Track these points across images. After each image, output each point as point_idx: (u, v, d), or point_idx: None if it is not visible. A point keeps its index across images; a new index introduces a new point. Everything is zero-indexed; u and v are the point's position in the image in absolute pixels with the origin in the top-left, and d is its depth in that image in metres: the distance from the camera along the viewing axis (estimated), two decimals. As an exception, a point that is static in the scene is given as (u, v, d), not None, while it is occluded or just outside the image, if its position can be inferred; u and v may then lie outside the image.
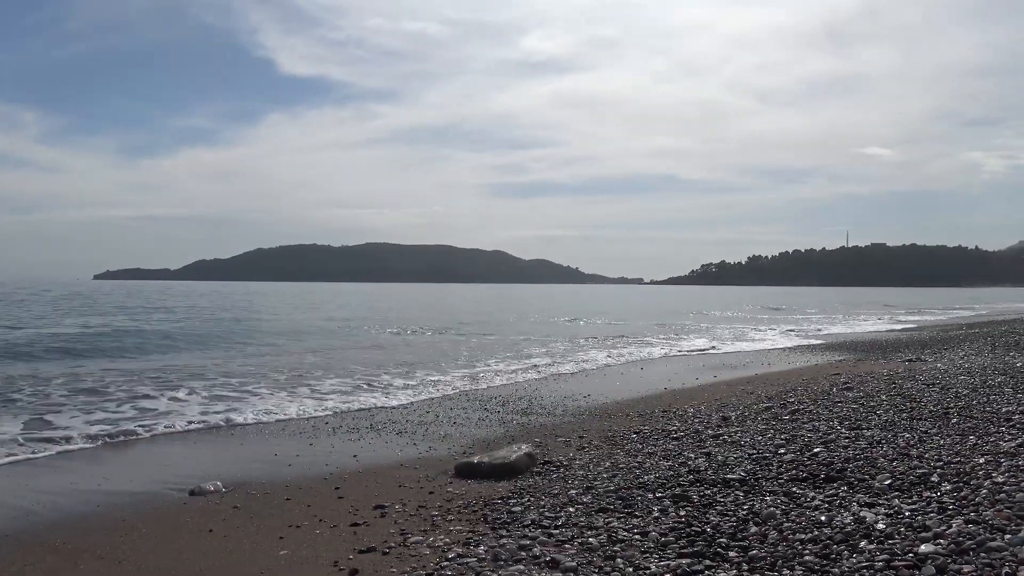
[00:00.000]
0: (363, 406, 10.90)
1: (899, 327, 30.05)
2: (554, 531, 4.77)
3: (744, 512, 4.86)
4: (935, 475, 5.27)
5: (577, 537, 4.61)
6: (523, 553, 4.37)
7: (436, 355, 18.87)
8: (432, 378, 14.11)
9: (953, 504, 4.59)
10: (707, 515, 4.87)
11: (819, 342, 22.42)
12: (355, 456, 7.63)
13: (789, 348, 20.62)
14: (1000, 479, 4.96)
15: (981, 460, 5.53)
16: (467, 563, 4.26)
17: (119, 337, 22.25)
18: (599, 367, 16.19)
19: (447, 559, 4.36)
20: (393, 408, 10.75)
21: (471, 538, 4.73)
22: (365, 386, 12.94)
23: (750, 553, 4.15)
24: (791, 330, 29.62)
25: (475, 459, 6.74)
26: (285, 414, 10.16)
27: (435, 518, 5.27)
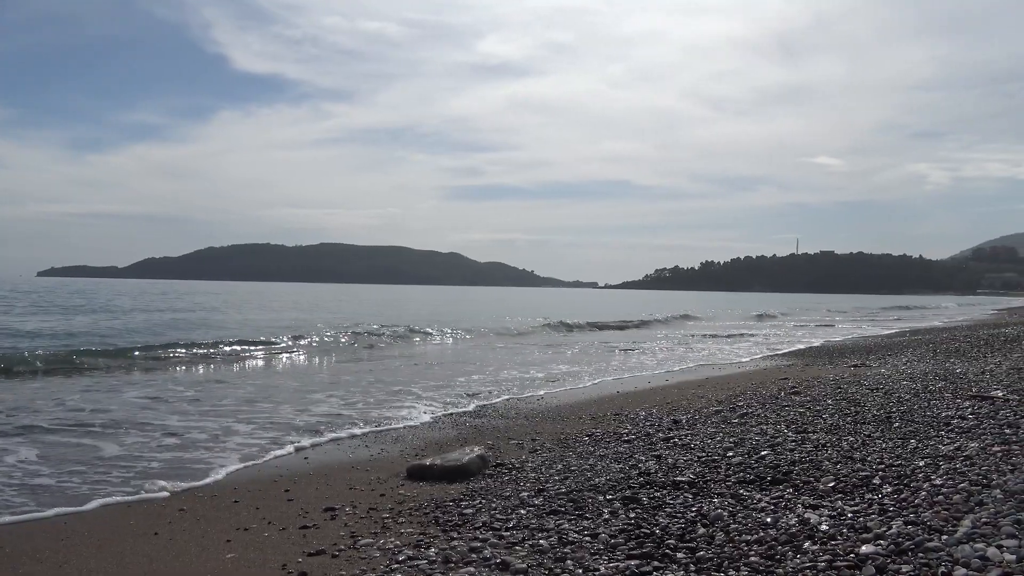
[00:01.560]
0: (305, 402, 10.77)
1: (871, 333, 30.71)
2: (505, 533, 4.78)
3: (692, 514, 4.93)
4: (877, 477, 5.41)
5: (528, 539, 4.63)
6: (474, 555, 4.38)
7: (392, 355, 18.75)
8: (387, 379, 14.01)
9: (894, 506, 4.72)
10: (656, 517, 4.93)
11: (785, 349, 22.80)
12: (306, 458, 7.56)
13: (740, 353, 20.94)
14: (938, 481, 5.12)
15: (921, 463, 5.70)
16: (418, 565, 4.25)
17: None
18: (555, 369, 16.25)
19: (397, 561, 4.34)
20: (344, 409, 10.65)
21: (422, 540, 4.72)
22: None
23: (698, 554, 4.21)
24: (773, 334, 30.11)
25: (427, 461, 6.73)
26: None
27: (386, 520, 5.25)
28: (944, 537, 4.03)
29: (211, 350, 18.57)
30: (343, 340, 22.59)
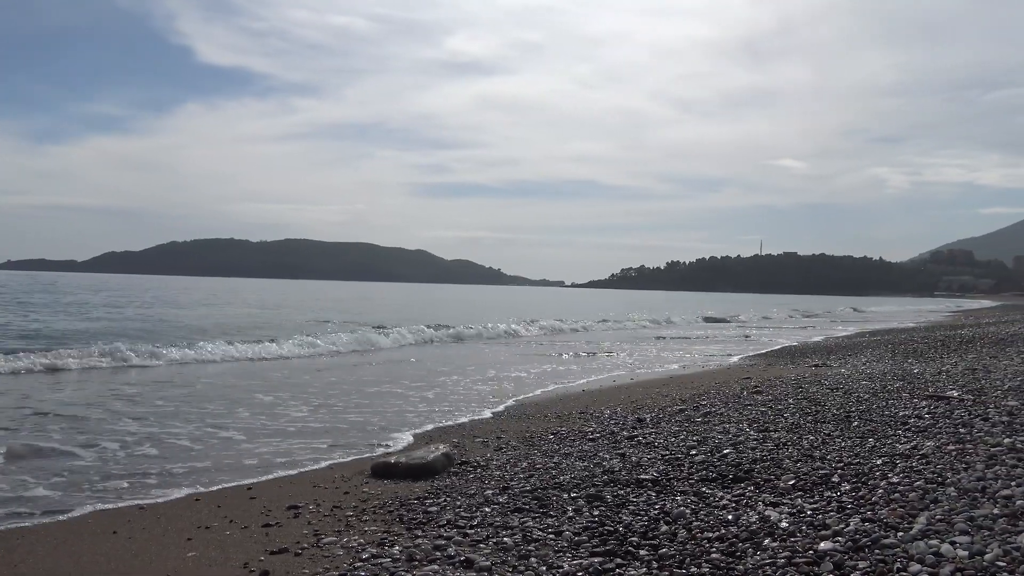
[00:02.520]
0: (271, 399, 10.67)
1: (838, 334, 31.14)
2: (470, 531, 4.79)
3: (656, 512, 4.97)
4: (836, 475, 5.51)
5: (492, 537, 4.64)
6: (438, 553, 4.38)
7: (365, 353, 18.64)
8: (350, 378, 13.94)
9: (852, 503, 4.81)
10: (620, 514, 4.97)
11: (750, 350, 23.05)
12: (276, 459, 7.49)
13: (705, 352, 21.15)
14: (895, 479, 5.22)
15: (878, 461, 5.81)
16: (381, 563, 4.24)
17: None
18: (520, 367, 16.27)
19: (361, 559, 4.33)
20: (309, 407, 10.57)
21: (386, 538, 4.71)
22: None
23: (660, 551, 4.25)
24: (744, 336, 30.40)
25: (392, 459, 6.71)
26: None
27: (350, 518, 5.23)
28: (900, 534, 4.11)
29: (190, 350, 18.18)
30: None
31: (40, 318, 28.33)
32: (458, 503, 5.46)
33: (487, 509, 5.26)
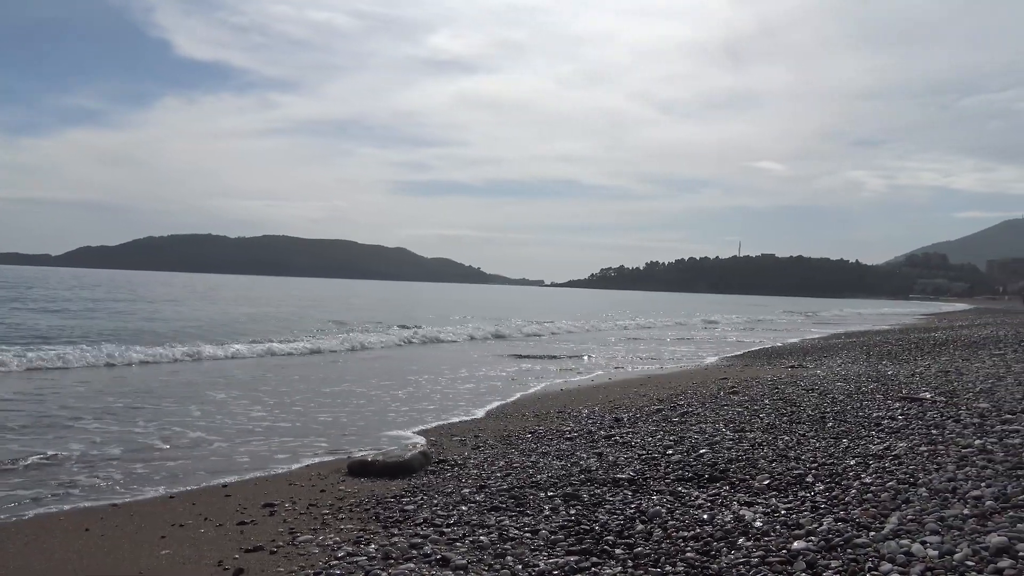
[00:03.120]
0: (246, 397, 10.61)
1: (814, 336, 31.38)
2: (446, 529, 4.78)
3: (632, 511, 5.00)
4: (810, 476, 5.56)
5: (468, 535, 4.64)
6: (414, 551, 4.37)
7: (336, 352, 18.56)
8: (327, 377, 13.88)
9: (825, 503, 4.86)
10: (596, 514, 4.98)
11: (728, 351, 23.17)
12: (243, 459, 7.44)
13: (682, 352, 21.26)
14: (868, 480, 5.28)
15: (852, 462, 5.87)
16: (357, 561, 4.23)
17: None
18: (499, 366, 16.28)
19: (337, 558, 4.31)
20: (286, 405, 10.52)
21: (362, 536, 4.70)
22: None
23: (635, 550, 4.27)
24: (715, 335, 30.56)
25: (369, 457, 6.69)
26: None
27: (326, 516, 5.21)
28: (872, 534, 4.16)
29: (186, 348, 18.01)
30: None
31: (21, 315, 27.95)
32: (435, 501, 5.45)
33: (464, 508, 5.26)
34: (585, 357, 19.28)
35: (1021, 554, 3.65)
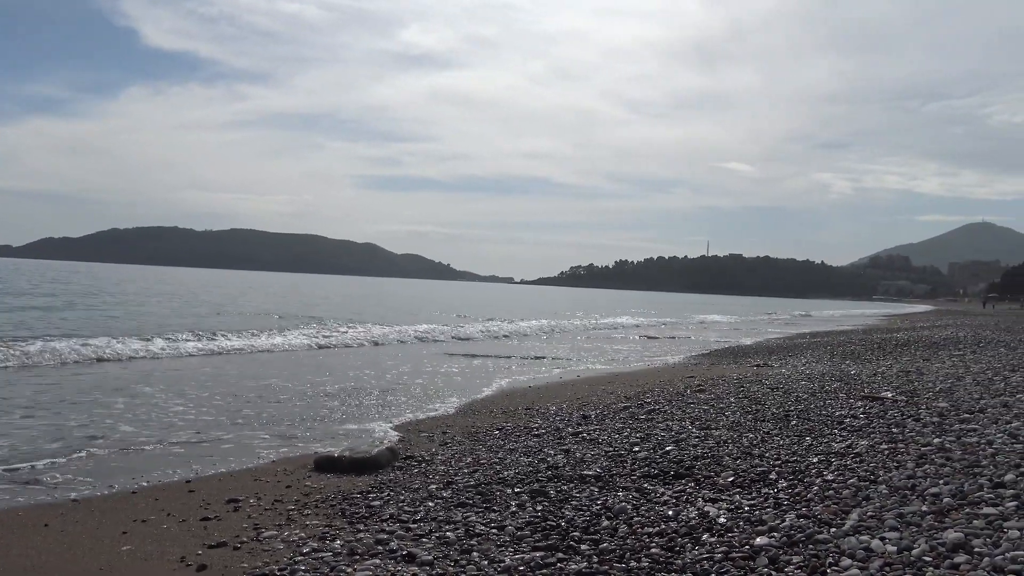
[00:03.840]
0: (216, 392, 10.49)
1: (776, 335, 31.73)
2: (412, 525, 4.78)
3: (598, 507, 5.03)
4: (773, 473, 5.63)
5: (435, 531, 4.64)
6: (380, 547, 4.36)
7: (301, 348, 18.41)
8: (295, 372, 13.77)
9: (788, 500, 4.93)
10: (563, 510, 5.01)
11: (697, 349, 23.35)
12: (208, 449, 7.36)
13: (650, 350, 21.40)
14: (830, 477, 5.37)
15: (815, 459, 5.96)
16: (322, 557, 4.20)
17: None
18: (469, 364, 16.27)
19: (301, 553, 4.29)
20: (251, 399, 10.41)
21: (327, 532, 4.67)
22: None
23: (601, 546, 4.30)
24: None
25: (335, 453, 6.65)
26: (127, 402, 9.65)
27: (291, 512, 5.17)
28: (833, 530, 4.23)
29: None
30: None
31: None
32: (401, 497, 5.44)
33: (431, 503, 5.25)
34: (553, 355, 19.33)
35: (976, 550, 3.74)
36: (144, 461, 6.75)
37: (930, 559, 3.69)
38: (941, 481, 4.97)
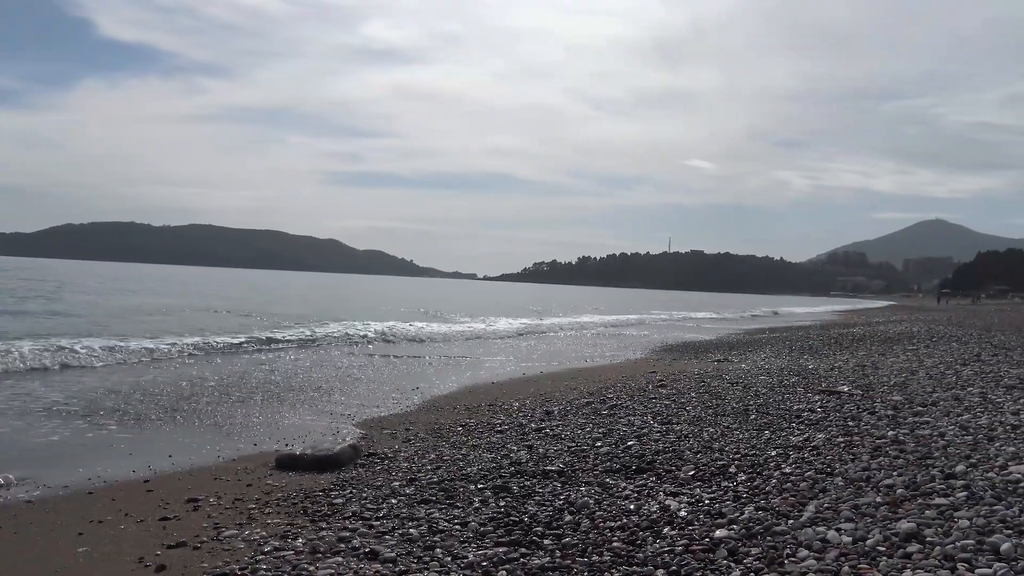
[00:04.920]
0: (172, 392, 10.34)
1: (730, 329, 32.10)
2: (375, 522, 4.77)
3: (561, 502, 5.06)
4: (733, 466, 5.72)
5: (398, 528, 4.64)
6: (343, 545, 4.34)
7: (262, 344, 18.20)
8: (254, 368, 13.62)
9: (747, 493, 5.01)
10: (526, 505, 5.03)
11: (656, 344, 23.54)
12: (169, 455, 7.25)
13: (613, 346, 21.54)
14: (788, 470, 5.47)
15: (773, 453, 6.06)
16: (284, 556, 4.17)
17: None
18: (430, 361, 16.24)
19: (263, 552, 4.25)
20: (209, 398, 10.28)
21: (289, 531, 4.64)
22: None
23: (563, 540, 4.33)
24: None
25: (297, 451, 6.60)
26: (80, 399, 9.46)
27: (252, 511, 5.12)
28: (791, 521, 4.31)
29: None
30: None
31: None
32: (364, 495, 5.42)
33: (394, 501, 5.24)
34: (517, 350, 19.36)
35: (928, 539, 3.84)
36: (100, 461, 6.63)
37: (884, 549, 3.79)
38: (895, 473, 5.09)
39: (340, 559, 4.13)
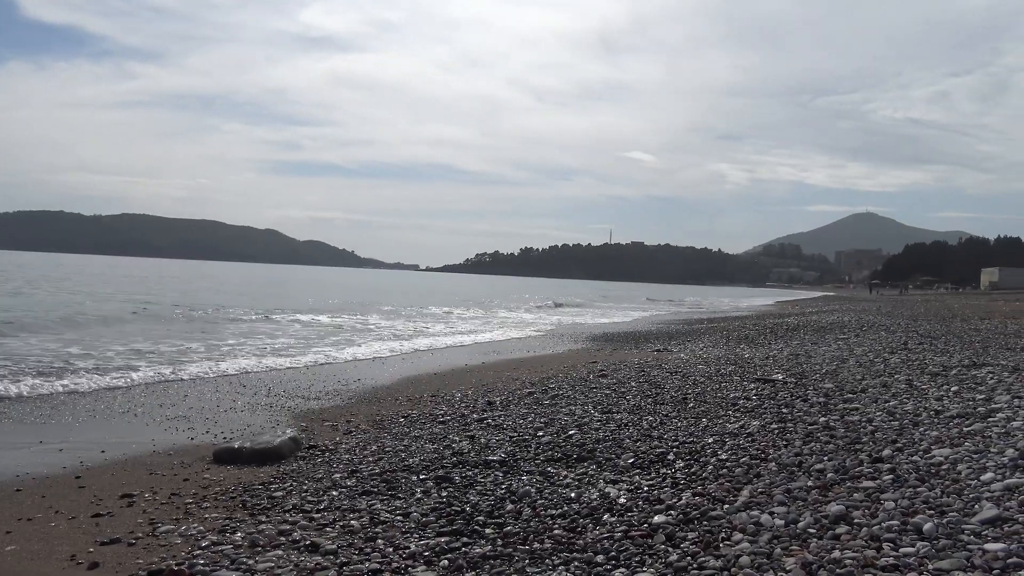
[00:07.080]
0: (104, 386, 10.06)
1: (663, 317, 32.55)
2: (316, 515, 4.73)
3: (502, 491, 5.10)
4: (671, 454, 5.84)
5: (339, 520, 4.61)
6: (282, 538, 4.30)
7: (192, 336, 17.84)
8: (190, 362, 13.33)
9: (684, 479, 5.12)
10: (467, 495, 5.06)
11: (592, 332, 23.72)
12: (102, 451, 7.06)
13: (555, 336, 21.68)
14: (724, 456, 5.60)
15: (710, 440, 6.20)
16: (222, 550, 4.12)
17: None
18: (373, 352, 16.12)
19: (200, 547, 4.19)
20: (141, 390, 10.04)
21: (227, 525, 4.58)
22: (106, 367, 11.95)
23: (505, 529, 4.37)
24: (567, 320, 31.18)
25: (236, 444, 6.50)
26: (9, 393, 9.16)
27: (189, 506, 5.03)
28: (726, 506, 4.43)
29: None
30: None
31: None
32: (304, 487, 5.37)
33: (335, 493, 5.21)
34: (459, 340, 19.35)
35: (856, 521, 3.99)
36: (28, 457, 6.42)
37: (815, 531, 3.92)
38: (826, 458, 5.27)
39: (280, 552, 4.09)
